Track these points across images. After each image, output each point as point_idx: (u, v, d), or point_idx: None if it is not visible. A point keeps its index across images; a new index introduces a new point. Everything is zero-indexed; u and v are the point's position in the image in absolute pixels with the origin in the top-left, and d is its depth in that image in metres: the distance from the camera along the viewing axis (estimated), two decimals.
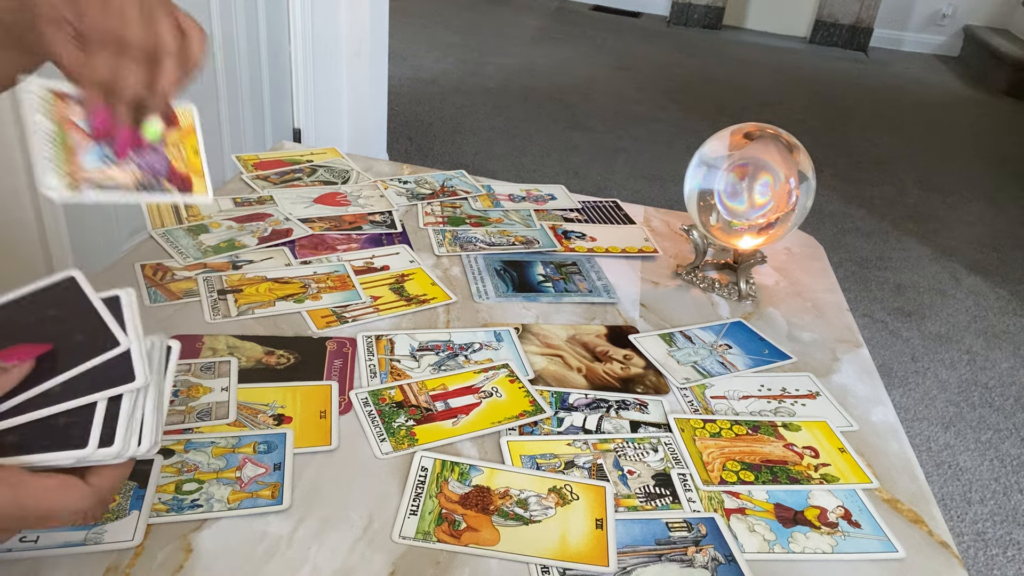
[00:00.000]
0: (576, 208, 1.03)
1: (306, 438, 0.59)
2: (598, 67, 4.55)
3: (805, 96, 4.49)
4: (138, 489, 0.53)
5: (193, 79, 0.50)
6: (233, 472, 0.55)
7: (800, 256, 0.98)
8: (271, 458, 0.57)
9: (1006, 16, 5.63)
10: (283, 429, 0.60)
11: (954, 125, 4.32)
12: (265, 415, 0.61)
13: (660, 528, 0.55)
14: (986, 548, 1.62)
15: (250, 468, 0.56)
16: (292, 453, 0.58)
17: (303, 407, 0.63)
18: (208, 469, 0.56)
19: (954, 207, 3.25)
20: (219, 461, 0.56)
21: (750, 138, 0.84)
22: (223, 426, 0.60)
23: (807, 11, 5.83)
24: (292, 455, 0.57)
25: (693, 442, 0.63)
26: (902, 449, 0.65)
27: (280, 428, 0.60)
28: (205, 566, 0.49)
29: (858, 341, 0.81)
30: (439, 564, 0.50)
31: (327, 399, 0.64)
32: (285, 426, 0.60)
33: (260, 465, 0.56)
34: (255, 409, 0.62)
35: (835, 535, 0.56)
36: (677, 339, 0.77)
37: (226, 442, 0.58)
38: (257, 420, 0.61)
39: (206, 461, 0.56)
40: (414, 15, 5.05)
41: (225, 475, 0.55)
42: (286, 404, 0.63)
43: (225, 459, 0.56)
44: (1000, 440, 1.94)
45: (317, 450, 0.58)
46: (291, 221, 0.91)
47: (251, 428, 0.60)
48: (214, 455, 0.57)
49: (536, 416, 0.64)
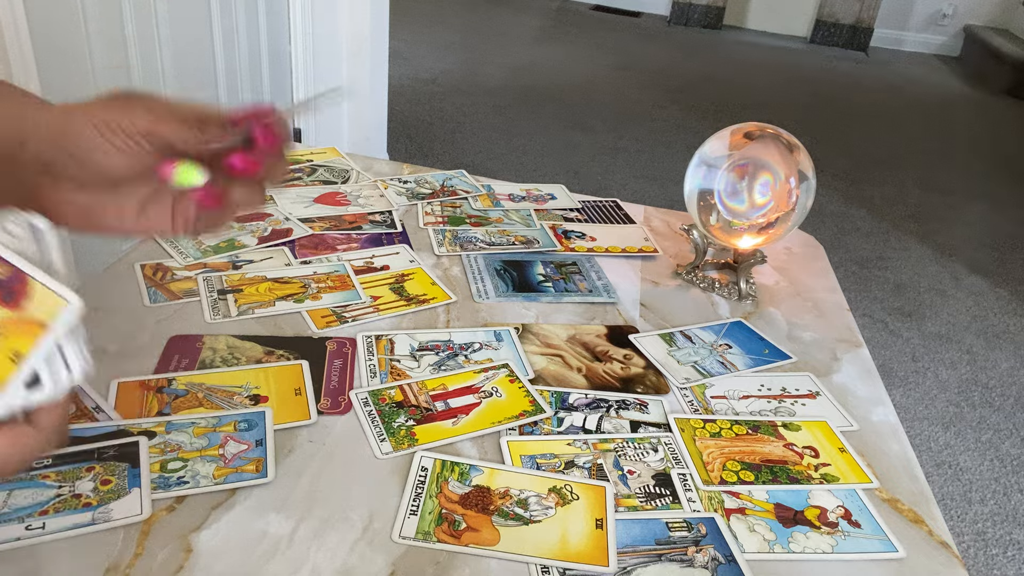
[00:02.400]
0: (576, 208, 1.03)
1: (285, 415, 0.61)
2: (598, 67, 4.55)
3: (805, 96, 4.49)
4: (131, 468, 0.54)
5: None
6: (216, 450, 0.57)
7: (800, 256, 0.98)
8: (252, 435, 0.59)
9: (1006, 16, 5.63)
10: (261, 408, 0.62)
11: (954, 125, 4.32)
12: (240, 396, 0.63)
13: (660, 528, 0.55)
14: (986, 548, 1.62)
15: (232, 445, 0.57)
16: (272, 429, 0.59)
17: (277, 386, 0.64)
18: (191, 448, 0.57)
19: (954, 207, 3.25)
20: (201, 440, 0.58)
21: (750, 138, 0.83)
22: (201, 408, 0.61)
23: (807, 11, 5.83)
24: (272, 431, 0.59)
25: (693, 442, 0.63)
26: (902, 449, 0.65)
27: (259, 407, 0.62)
28: (205, 566, 0.49)
29: (858, 341, 0.81)
30: (439, 564, 0.50)
31: (300, 377, 0.65)
32: (263, 405, 0.62)
33: (242, 442, 0.58)
34: (230, 392, 0.63)
35: (835, 535, 0.56)
36: (677, 339, 0.77)
37: (206, 422, 0.60)
38: (234, 402, 0.62)
39: (188, 441, 0.58)
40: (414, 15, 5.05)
41: (208, 453, 0.57)
42: (260, 384, 0.64)
43: (207, 438, 0.58)
44: (1000, 440, 1.94)
45: (299, 424, 0.60)
46: (291, 221, 0.91)
47: (229, 409, 0.61)
48: (195, 435, 0.58)
49: (536, 416, 0.64)
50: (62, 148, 0.41)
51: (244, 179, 0.45)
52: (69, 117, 0.41)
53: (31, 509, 0.50)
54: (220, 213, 0.45)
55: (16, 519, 0.50)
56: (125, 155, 0.42)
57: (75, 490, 0.52)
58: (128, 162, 0.42)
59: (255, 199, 0.46)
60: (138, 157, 0.42)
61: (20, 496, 0.51)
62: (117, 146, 0.41)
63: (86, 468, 0.54)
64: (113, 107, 0.42)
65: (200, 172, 0.43)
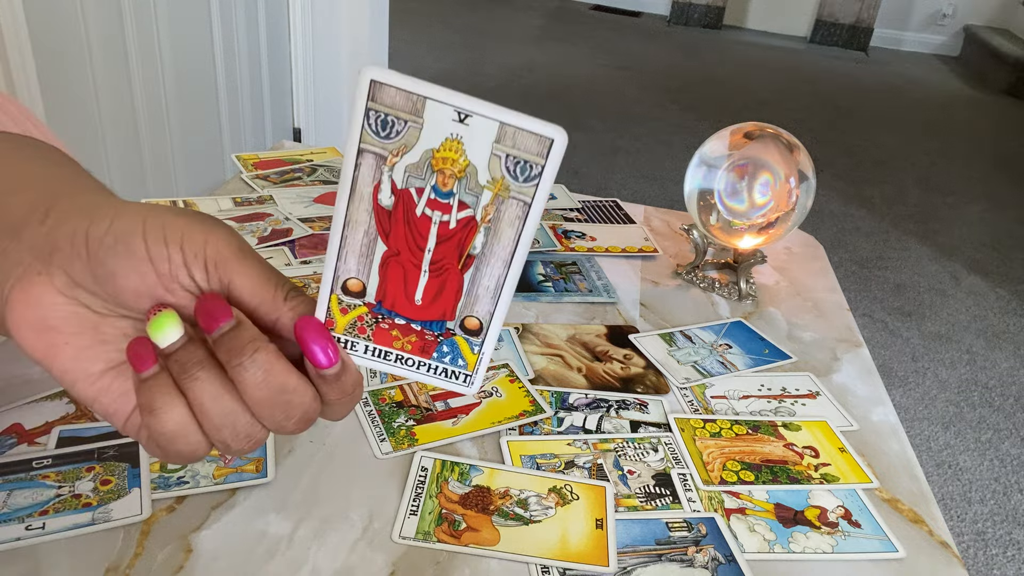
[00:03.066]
0: (576, 208, 1.03)
1: None
2: (598, 67, 4.55)
3: (805, 96, 4.49)
4: (131, 468, 0.54)
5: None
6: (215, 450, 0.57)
7: (800, 256, 0.98)
8: None
9: (1006, 16, 5.63)
10: None
11: (954, 125, 4.32)
12: None
13: (660, 528, 0.55)
14: (986, 548, 1.62)
15: None
16: None
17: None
18: None
19: (954, 207, 3.25)
20: None
21: (750, 137, 0.83)
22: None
23: (807, 11, 5.83)
24: None
25: (693, 442, 0.63)
26: (902, 449, 0.65)
27: None
28: (205, 566, 0.49)
29: (858, 341, 0.81)
30: (439, 564, 0.50)
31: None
32: None
33: None
34: None
35: (835, 535, 0.56)
36: (677, 339, 0.77)
37: None
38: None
39: None
40: (414, 15, 5.05)
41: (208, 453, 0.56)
42: None
43: None
44: (1000, 440, 1.94)
45: None
46: (291, 221, 0.91)
47: None
48: None
49: (536, 416, 0.64)
50: (86, 235, 0.31)
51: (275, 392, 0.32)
52: (119, 207, 0.32)
53: (31, 509, 0.50)
54: (185, 437, 0.32)
55: (16, 519, 0.50)
56: (152, 279, 0.31)
57: (75, 490, 0.52)
58: (148, 289, 0.32)
59: (255, 435, 0.33)
60: (166, 287, 0.32)
61: (20, 496, 0.51)
62: (157, 265, 0.31)
63: (86, 468, 0.54)
64: (188, 220, 0.32)
65: (178, 331, 0.31)
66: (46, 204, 0.33)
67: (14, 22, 1.33)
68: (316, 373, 0.32)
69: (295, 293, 0.33)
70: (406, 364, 0.34)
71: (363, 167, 0.31)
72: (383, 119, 0.30)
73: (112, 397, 0.33)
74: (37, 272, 0.32)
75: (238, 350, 0.31)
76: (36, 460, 0.54)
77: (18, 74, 1.35)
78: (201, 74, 1.98)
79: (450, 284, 0.33)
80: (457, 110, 0.30)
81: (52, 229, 0.32)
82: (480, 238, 0.32)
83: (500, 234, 0.31)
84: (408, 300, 0.33)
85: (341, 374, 0.33)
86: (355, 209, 0.31)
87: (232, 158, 1.05)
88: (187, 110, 1.94)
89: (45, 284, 0.32)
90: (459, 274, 0.32)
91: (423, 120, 0.30)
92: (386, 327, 0.34)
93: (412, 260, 0.32)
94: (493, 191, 0.31)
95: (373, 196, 0.31)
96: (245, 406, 0.32)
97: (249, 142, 2.21)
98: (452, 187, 0.31)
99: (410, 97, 0.29)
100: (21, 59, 1.35)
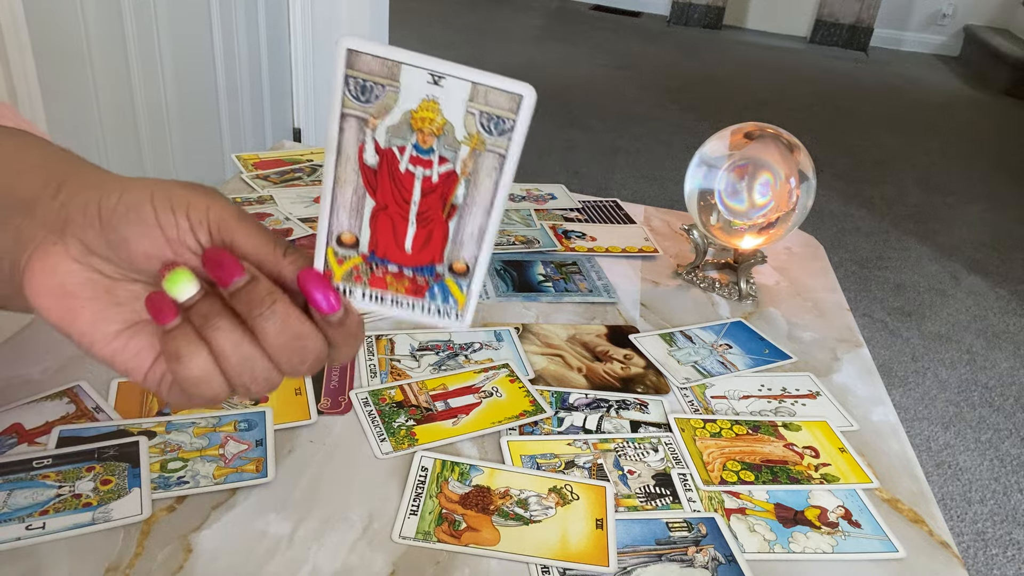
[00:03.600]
0: (576, 208, 1.03)
1: (285, 415, 0.61)
2: (598, 67, 4.55)
3: (805, 96, 4.49)
4: (131, 468, 0.54)
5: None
6: (216, 450, 0.57)
7: (800, 256, 0.98)
8: (252, 435, 0.58)
9: (1006, 16, 5.63)
10: (262, 408, 0.62)
11: (954, 125, 4.32)
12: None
13: (660, 528, 0.55)
14: (986, 548, 1.62)
15: (233, 445, 0.57)
16: (273, 429, 0.59)
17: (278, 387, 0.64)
18: (191, 448, 0.57)
19: (954, 207, 3.25)
20: (201, 440, 0.58)
21: (750, 138, 0.83)
22: (201, 408, 0.61)
23: (807, 11, 5.83)
24: (273, 431, 0.59)
25: (693, 442, 0.63)
26: (902, 449, 0.65)
27: (259, 407, 0.62)
28: (205, 566, 0.48)
29: (858, 341, 0.81)
30: (439, 564, 0.50)
31: (300, 377, 0.65)
32: (263, 405, 0.62)
33: (242, 442, 0.58)
34: None
35: (835, 535, 0.56)
36: (677, 339, 0.77)
37: (206, 422, 0.60)
38: (233, 402, 0.62)
39: (188, 440, 0.58)
40: (414, 15, 5.05)
41: (208, 453, 0.57)
42: None
43: (207, 438, 0.58)
44: (1000, 440, 1.94)
45: (299, 424, 0.60)
46: (291, 221, 0.91)
47: (229, 409, 0.61)
48: (195, 435, 0.58)
49: (536, 416, 0.64)
50: (98, 205, 0.34)
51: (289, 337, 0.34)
52: (126, 181, 0.35)
53: (31, 509, 0.50)
54: (207, 381, 0.34)
55: (16, 519, 0.50)
56: (162, 243, 0.34)
57: (75, 490, 0.52)
58: (158, 252, 0.34)
59: (271, 378, 0.35)
60: (174, 251, 0.34)
61: (20, 496, 0.51)
62: (166, 231, 0.34)
63: (86, 468, 0.54)
64: (191, 190, 0.35)
65: (194, 285, 0.34)
66: (57, 180, 0.35)
67: (14, 22, 1.33)
68: (321, 319, 0.35)
69: (293, 249, 0.36)
70: (401, 305, 0.37)
71: (347, 131, 0.33)
72: (362, 84, 0.32)
73: (129, 355, 0.35)
74: (52, 243, 0.34)
75: (257, 302, 0.33)
76: (36, 460, 0.54)
77: (18, 74, 1.35)
78: (201, 74, 1.98)
79: (437, 232, 0.35)
80: (431, 73, 0.32)
81: (64, 203, 0.34)
82: (461, 189, 0.34)
83: (479, 184, 0.34)
84: (399, 248, 0.36)
85: (344, 318, 0.36)
86: (343, 169, 0.34)
87: (232, 158, 1.05)
88: (187, 110, 1.94)
89: (61, 253, 0.34)
90: (444, 223, 0.35)
91: (400, 84, 0.32)
92: (380, 274, 0.36)
93: (400, 213, 0.35)
94: (470, 146, 0.33)
95: (359, 156, 0.34)
96: (263, 352, 0.34)
97: (249, 142, 2.21)
98: (432, 144, 0.33)
99: (385, 63, 0.32)
100: (21, 59, 1.35)
